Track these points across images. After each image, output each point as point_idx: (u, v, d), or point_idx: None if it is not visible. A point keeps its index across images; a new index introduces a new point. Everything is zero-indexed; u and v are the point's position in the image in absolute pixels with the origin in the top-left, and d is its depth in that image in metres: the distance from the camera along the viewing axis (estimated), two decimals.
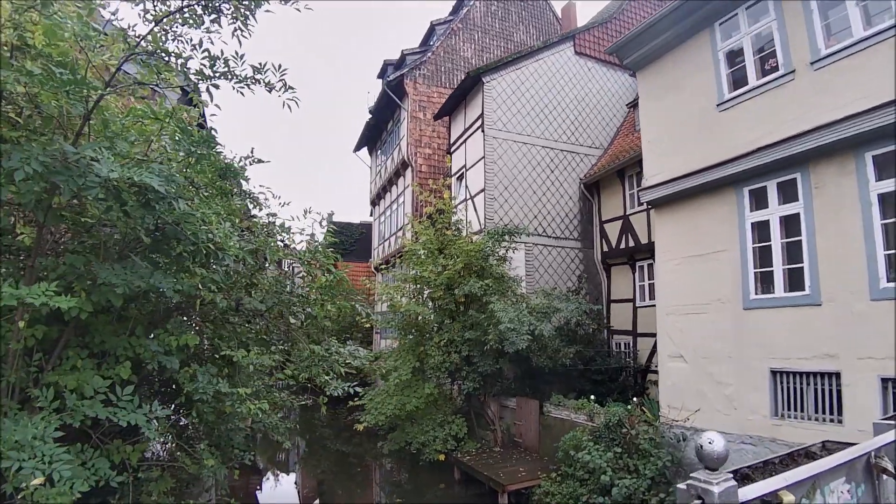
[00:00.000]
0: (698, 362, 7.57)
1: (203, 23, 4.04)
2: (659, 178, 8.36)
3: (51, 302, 3.26)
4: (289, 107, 4.37)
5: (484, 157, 13.86)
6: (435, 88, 18.51)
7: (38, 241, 3.99)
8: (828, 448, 2.72)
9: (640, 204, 12.03)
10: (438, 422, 11.35)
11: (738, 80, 7.38)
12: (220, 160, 4.92)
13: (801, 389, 6.34)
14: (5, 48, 3.59)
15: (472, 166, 14.60)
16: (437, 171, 17.66)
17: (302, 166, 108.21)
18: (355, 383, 5.81)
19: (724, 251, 7.37)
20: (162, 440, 6.61)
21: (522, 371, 11.54)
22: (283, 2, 4.01)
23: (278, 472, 13.73)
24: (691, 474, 1.62)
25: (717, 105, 7.52)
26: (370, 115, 21.10)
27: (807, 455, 2.64)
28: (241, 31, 4.04)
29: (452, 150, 16.24)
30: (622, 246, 13.43)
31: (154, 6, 3.94)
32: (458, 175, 15.72)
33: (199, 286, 4.65)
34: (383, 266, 18.79)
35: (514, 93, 14.43)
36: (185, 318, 5.89)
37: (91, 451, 3.89)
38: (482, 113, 14.03)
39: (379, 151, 22.72)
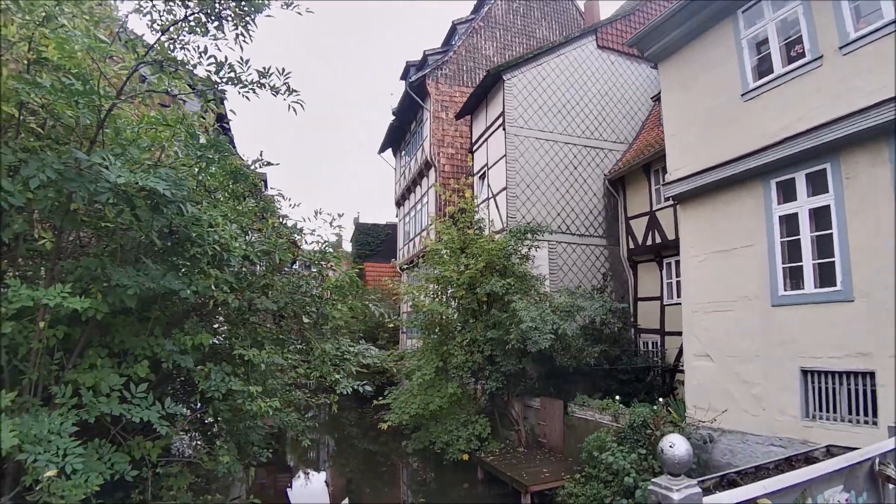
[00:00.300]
0: (725, 361, 7.33)
1: (208, 31, 4.15)
2: (683, 172, 8.13)
3: (65, 303, 3.40)
4: (294, 109, 4.44)
5: (505, 155, 13.75)
6: (457, 88, 18.46)
7: (58, 246, 4.17)
8: (832, 453, 2.55)
9: (667, 199, 11.71)
10: (462, 421, 11.31)
11: (762, 68, 7.11)
12: (229, 164, 5.04)
13: (834, 389, 6.05)
14: (24, 62, 3.77)
15: (494, 165, 14.50)
16: (460, 170, 17.61)
17: (304, 168, 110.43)
18: (365, 382, 5.85)
19: (750, 246, 7.11)
20: (188, 437, 6.84)
21: (546, 371, 11.39)
22: (283, 6, 4.10)
23: (308, 471, 13.97)
24: (653, 479, 1.55)
25: (742, 95, 7.26)
26: (393, 117, 21.24)
27: (806, 460, 2.48)
28: (244, 36, 4.13)
29: (474, 148, 16.18)
30: (649, 242, 13.10)
31: (160, 16, 4.08)
32: (480, 174, 15.64)
33: (214, 287, 4.77)
34: (407, 266, 18.87)
35: (535, 89, 14.25)
36: (204, 318, 6.05)
37: (108, 447, 4.05)
38: (503, 111, 13.92)
39: (403, 152, 22.85)
